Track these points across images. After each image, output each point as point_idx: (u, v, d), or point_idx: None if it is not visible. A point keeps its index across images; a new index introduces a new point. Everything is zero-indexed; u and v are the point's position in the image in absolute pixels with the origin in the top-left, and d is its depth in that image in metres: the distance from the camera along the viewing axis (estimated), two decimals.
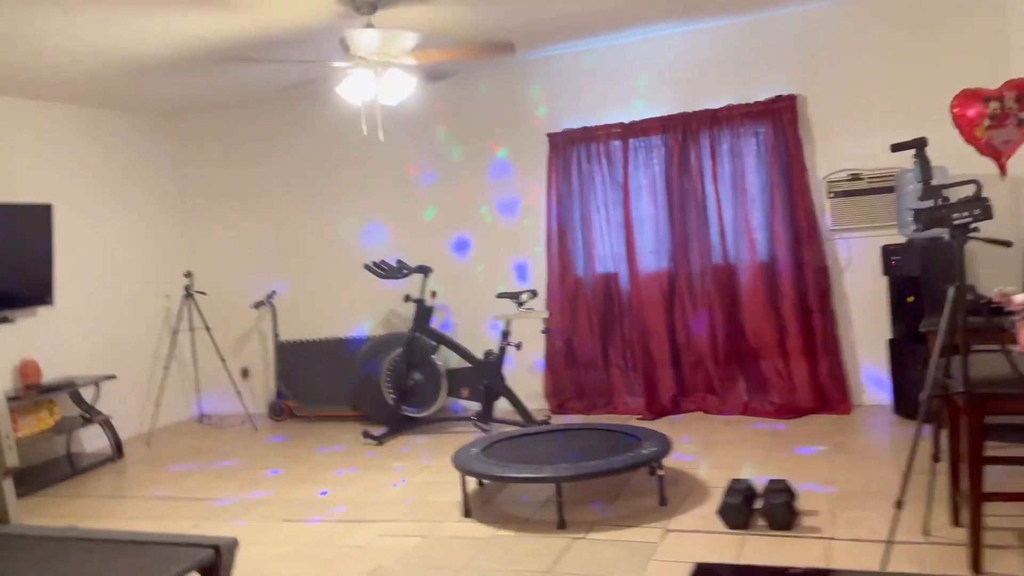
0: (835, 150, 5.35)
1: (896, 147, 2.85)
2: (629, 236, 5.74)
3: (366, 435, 5.66)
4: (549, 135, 5.93)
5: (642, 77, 5.75)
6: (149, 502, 4.71)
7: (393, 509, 4.20)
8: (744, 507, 3.53)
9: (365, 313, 6.63)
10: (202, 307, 6.75)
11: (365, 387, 6.01)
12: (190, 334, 6.87)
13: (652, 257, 5.74)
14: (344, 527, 4.00)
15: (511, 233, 6.21)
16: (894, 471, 4.03)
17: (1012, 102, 3.70)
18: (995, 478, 3.33)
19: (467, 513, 4.00)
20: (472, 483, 4.27)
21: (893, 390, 5.14)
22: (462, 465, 3.98)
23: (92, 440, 5.98)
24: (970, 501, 2.89)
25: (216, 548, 3.43)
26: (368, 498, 4.42)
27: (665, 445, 3.97)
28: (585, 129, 5.83)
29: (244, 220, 6.96)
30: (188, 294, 6.64)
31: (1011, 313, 3.53)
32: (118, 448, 5.74)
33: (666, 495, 3.91)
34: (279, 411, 6.57)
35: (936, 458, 3.63)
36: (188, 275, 6.72)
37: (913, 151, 2.79)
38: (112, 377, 5.89)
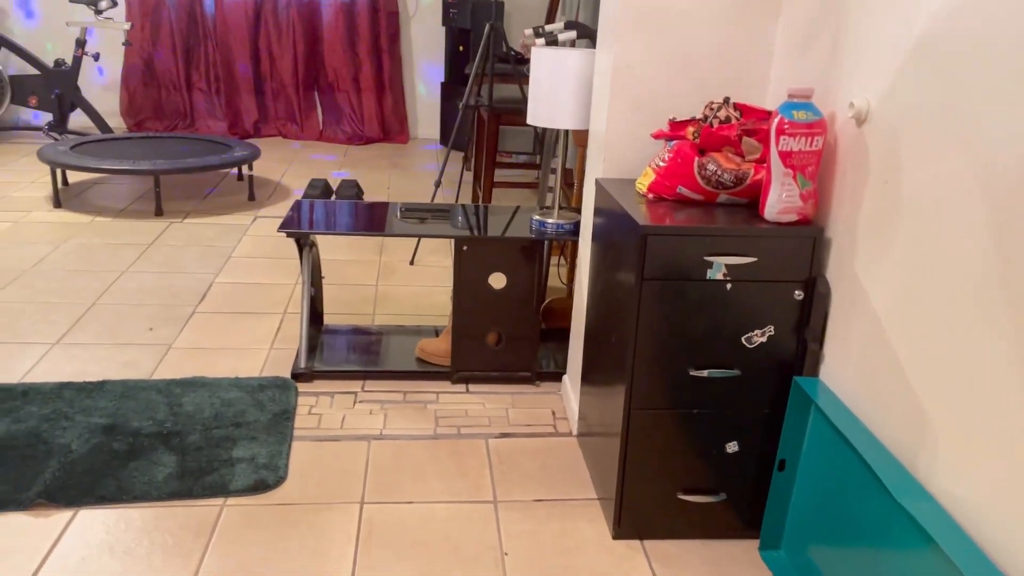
0: None
1: None
2: None
3: None
4: None
5: None
6: None
7: None
8: (322, 198, 4.32)
9: None
10: None
11: None
12: None
13: None
14: None
15: None
16: (434, 175, 5.14)
17: None
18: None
19: (58, 204, 4.16)
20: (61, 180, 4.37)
21: (441, 124, 6.26)
22: (52, 159, 4.08)
23: None
24: (484, 186, 4.04)
25: None
26: None
27: (254, 151, 4.51)
28: None
29: None
30: None
31: (528, 61, 4.67)
32: None
33: (255, 193, 4.53)
34: None
35: (467, 167, 4.78)
36: None
37: None
38: None
